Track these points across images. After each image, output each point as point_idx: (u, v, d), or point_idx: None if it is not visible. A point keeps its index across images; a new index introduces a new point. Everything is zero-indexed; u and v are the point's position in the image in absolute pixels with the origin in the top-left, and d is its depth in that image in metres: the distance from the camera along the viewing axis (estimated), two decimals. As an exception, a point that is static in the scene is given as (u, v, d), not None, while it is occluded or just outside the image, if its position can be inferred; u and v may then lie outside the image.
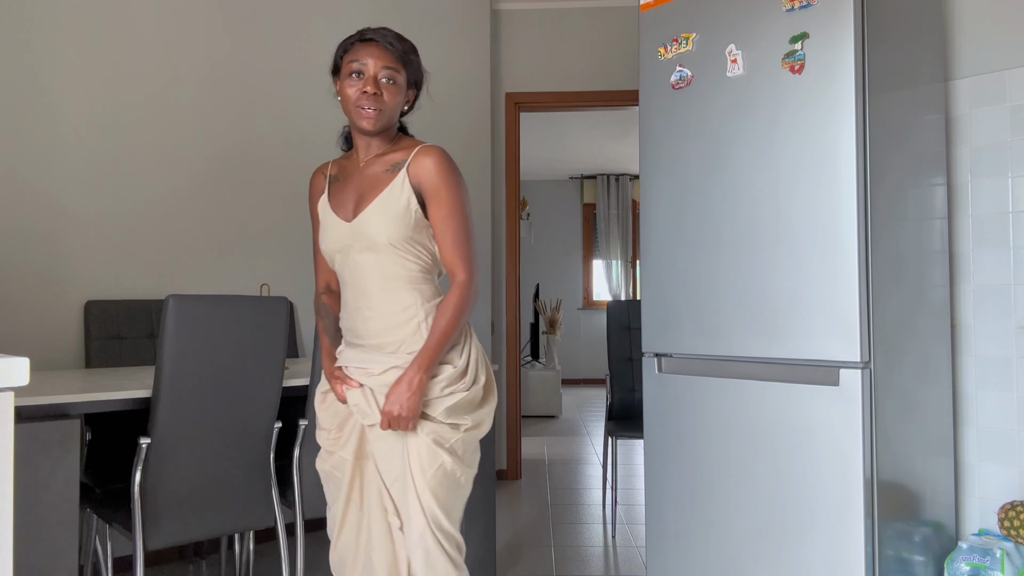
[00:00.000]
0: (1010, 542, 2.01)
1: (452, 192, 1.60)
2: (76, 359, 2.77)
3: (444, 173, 1.60)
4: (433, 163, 1.60)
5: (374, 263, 1.61)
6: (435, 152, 1.61)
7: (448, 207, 1.60)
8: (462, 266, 1.61)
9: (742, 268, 2.05)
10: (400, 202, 1.59)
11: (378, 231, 1.59)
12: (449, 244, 1.61)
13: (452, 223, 1.60)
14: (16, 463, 1.59)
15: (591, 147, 7.60)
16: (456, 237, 1.61)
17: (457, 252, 1.61)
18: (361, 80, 1.61)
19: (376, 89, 1.60)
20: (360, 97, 1.60)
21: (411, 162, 1.61)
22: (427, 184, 1.60)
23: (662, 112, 2.26)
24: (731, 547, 2.06)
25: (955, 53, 2.33)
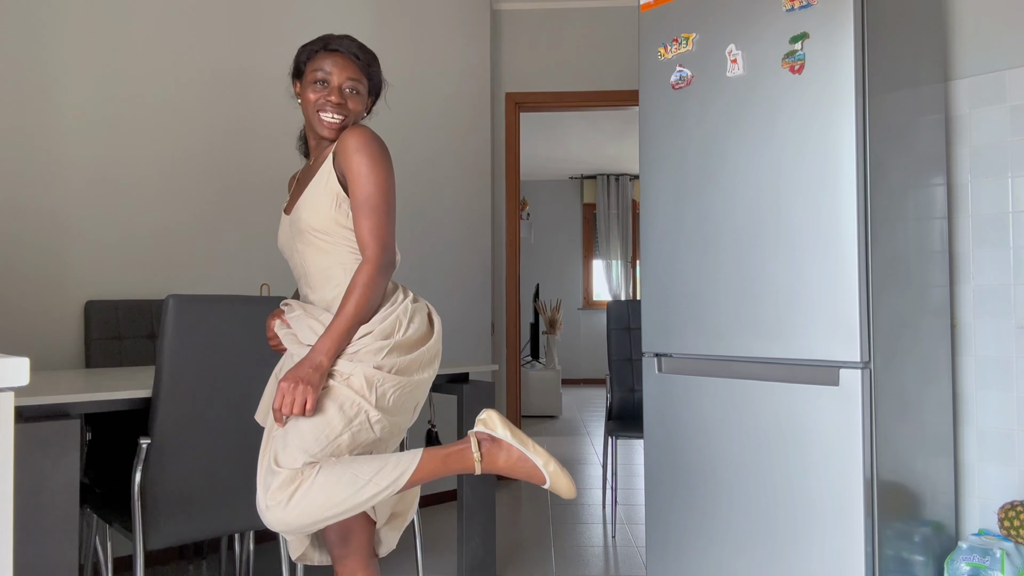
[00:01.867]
0: (1010, 542, 2.01)
1: (365, 168, 1.58)
2: (76, 359, 2.77)
3: (359, 151, 1.58)
4: (350, 143, 1.59)
5: (311, 252, 1.65)
6: (354, 132, 1.60)
7: (361, 185, 1.59)
8: (371, 243, 1.58)
9: (742, 268, 2.05)
10: (325, 188, 1.62)
11: (306, 218, 1.62)
12: (360, 223, 1.59)
13: (365, 202, 1.59)
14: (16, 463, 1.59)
15: (591, 147, 7.60)
16: (367, 215, 1.59)
17: (367, 230, 1.59)
18: (326, 89, 1.64)
19: (341, 99, 1.64)
20: (324, 105, 1.64)
21: (336, 147, 1.62)
22: (344, 164, 1.60)
23: (662, 112, 2.26)
24: (731, 547, 2.06)
25: (955, 53, 2.33)
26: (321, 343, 1.53)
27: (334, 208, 1.61)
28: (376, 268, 1.57)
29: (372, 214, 1.59)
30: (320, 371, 1.51)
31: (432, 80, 3.88)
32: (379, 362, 1.57)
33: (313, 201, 1.63)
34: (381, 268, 1.58)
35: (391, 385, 1.58)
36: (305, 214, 1.63)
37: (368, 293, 1.55)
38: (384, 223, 1.60)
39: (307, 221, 1.63)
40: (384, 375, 1.57)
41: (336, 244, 1.64)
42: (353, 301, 1.55)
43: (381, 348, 1.57)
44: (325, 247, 1.64)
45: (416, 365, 1.64)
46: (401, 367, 1.60)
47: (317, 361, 1.52)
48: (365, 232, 1.59)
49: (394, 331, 1.61)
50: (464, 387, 2.58)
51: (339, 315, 1.54)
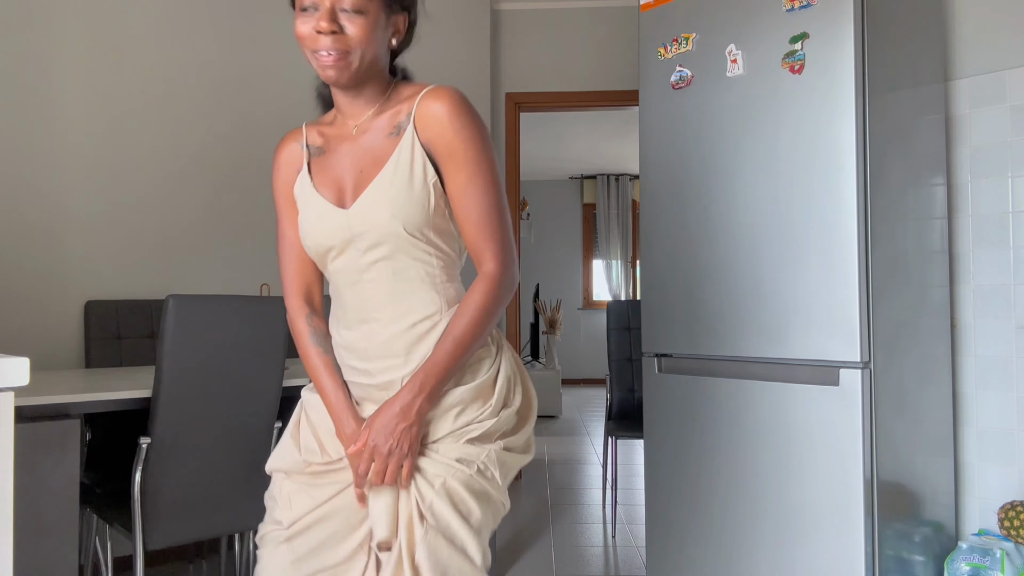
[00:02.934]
0: (1010, 542, 2.01)
1: (474, 149, 1.16)
2: (76, 359, 2.77)
3: (461, 123, 1.15)
4: (444, 110, 1.15)
5: (384, 263, 1.18)
6: (445, 95, 1.16)
7: (469, 170, 1.16)
8: (491, 251, 1.17)
9: (742, 268, 2.05)
10: (413, 175, 1.16)
11: (389, 219, 1.15)
12: (473, 222, 1.17)
13: (476, 192, 1.16)
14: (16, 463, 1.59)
15: (591, 147, 7.60)
16: (482, 212, 1.16)
17: (484, 232, 1.17)
18: (315, 16, 1.15)
19: (333, 25, 1.13)
20: (314, 38, 1.14)
21: (416, 115, 1.17)
22: (439, 141, 1.16)
23: (662, 112, 2.26)
24: (731, 547, 2.06)
25: (955, 53, 2.33)
26: (415, 383, 1.14)
27: (430, 208, 1.16)
28: (502, 287, 1.17)
29: (492, 215, 1.17)
30: (421, 416, 1.15)
31: (432, 80, 3.88)
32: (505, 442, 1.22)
33: (401, 195, 1.15)
34: (506, 289, 1.18)
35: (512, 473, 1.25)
36: (388, 212, 1.15)
37: (484, 319, 1.16)
38: (506, 228, 1.19)
39: (395, 222, 1.15)
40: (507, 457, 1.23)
41: (428, 256, 1.19)
42: (465, 323, 1.15)
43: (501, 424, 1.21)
44: (413, 258, 1.18)
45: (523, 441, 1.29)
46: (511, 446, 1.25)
47: (417, 404, 1.14)
48: (482, 238, 1.17)
49: (508, 396, 1.24)
50: (464, 387, 2.57)
51: (442, 343, 1.14)
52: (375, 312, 1.20)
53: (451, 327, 1.15)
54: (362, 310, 1.21)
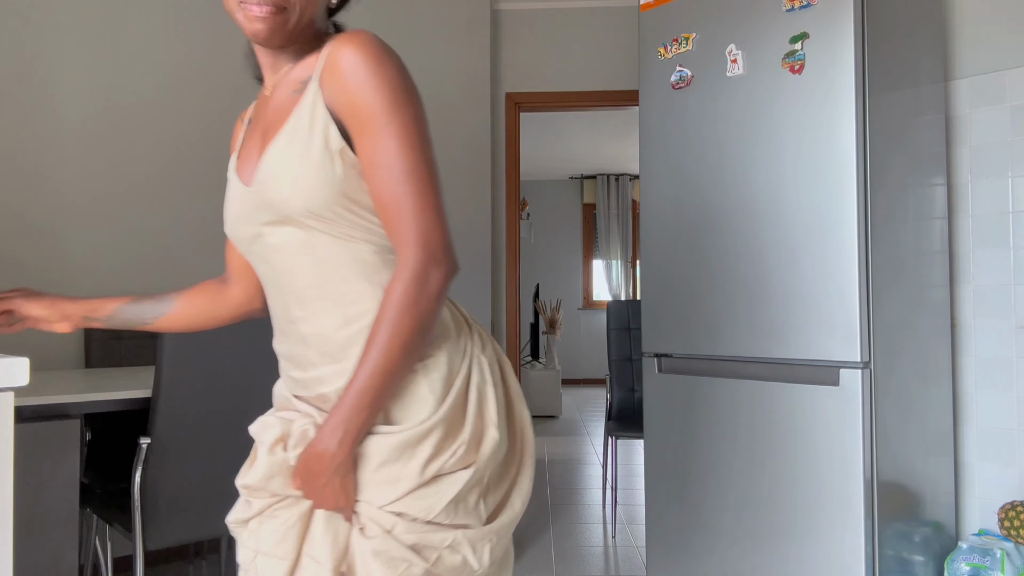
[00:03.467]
0: (1010, 542, 2.01)
1: (380, 105, 0.90)
2: (76, 359, 2.77)
3: (364, 73, 0.90)
4: (345, 60, 0.91)
5: (301, 249, 0.97)
6: (349, 41, 0.92)
7: (374, 133, 0.91)
8: (405, 237, 0.92)
9: (742, 268, 2.05)
10: (312, 142, 0.93)
11: (287, 193, 0.94)
12: (383, 200, 0.92)
13: (384, 161, 0.91)
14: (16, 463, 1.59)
15: (591, 147, 7.60)
16: (392, 186, 0.91)
17: (395, 212, 0.92)
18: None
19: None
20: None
21: (323, 68, 0.94)
22: (340, 99, 0.92)
23: (662, 112, 2.26)
24: (731, 547, 2.06)
25: (955, 53, 2.33)
26: (333, 418, 0.91)
27: (340, 175, 0.93)
28: (422, 278, 0.91)
29: (407, 181, 0.91)
30: (334, 469, 0.92)
31: (432, 80, 3.88)
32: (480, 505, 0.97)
33: (295, 164, 0.93)
34: (432, 279, 0.91)
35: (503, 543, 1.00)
36: (287, 188, 0.94)
37: (412, 324, 0.90)
38: (431, 195, 0.93)
39: (293, 200, 0.94)
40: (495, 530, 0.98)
41: (351, 237, 0.96)
42: (383, 342, 0.90)
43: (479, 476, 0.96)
44: (327, 242, 0.96)
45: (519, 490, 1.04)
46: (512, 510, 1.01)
47: (327, 453, 0.92)
48: (399, 219, 0.92)
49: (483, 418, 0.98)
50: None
51: (359, 371, 0.91)
52: (298, 310, 1.00)
53: (366, 347, 0.91)
54: (286, 308, 1.02)
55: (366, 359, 0.90)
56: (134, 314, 1.20)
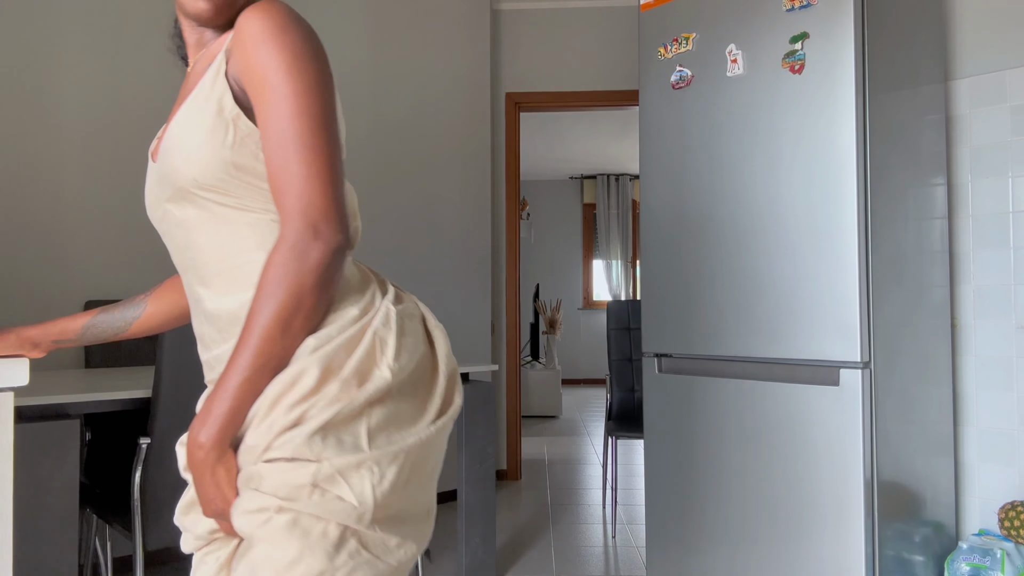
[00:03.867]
0: (1010, 542, 2.01)
1: (274, 71, 0.88)
2: (76, 359, 2.77)
3: (261, 39, 0.88)
4: (250, 27, 0.89)
5: (197, 221, 0.95)
6: (257, 9, 0.90)
7: (267, 100, 0.88)
8: (287, 207, 0.87)
9: (742, 268, 2.05)
10: (207, 111, 0.92)
11: (178, 164, 0.93)
12: (274, 165, 0.88)
13: (274, 129, 0.88)
14: (16, 463, 1.59)
15: (591, 147, 7.60)
16: (279, 154, 0.88)
17: (279, 181, 0.88)
18: None
19: None
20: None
21: (231, 39, 0.93)
22: (241, 67, 0.90)
23: (662, 112, 2.26)
24: (731, 547, 2.06)
25: (955, 53, 2.33)
26: (205, 408, 0.86)
27: (230, 143, 0.90)
28: (299, 250, 0.86)
29: (295, 148, 0.87)
30: (203, 460, 0.86)
31: (432, 80, 3.88)
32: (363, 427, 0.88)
33: (189, 135, 0.92)
34: (312, 252, 0.86)
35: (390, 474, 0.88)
36: (179, 159, 0.92)
37: (288, 300, 0.85)
38: (319, 164, 0.88)
39: (184, 171, 0.92)
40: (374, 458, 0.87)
41: (244, 207, 0.93)
42: (258, 321, 0.85)
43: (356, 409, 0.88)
44: (224, 214, 0.93)
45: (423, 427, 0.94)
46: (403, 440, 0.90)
47: (195, 444, 0.86)
48: (284, 184, 0.88)
49: (375, 360, 0.90)
50: (464, 388, 2.57)
51: (237, 350, 0.86)
52: (201, 287, 0.98)
53: (246, 323, 0.86)
54: (191, 286, 1.00)
55: (241, 339, 0.86)
56: (107, 324, 1.19)
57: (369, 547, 0.87)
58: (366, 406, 0.88)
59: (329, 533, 0.84)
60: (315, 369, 0.86)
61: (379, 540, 0.88)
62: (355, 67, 3.58)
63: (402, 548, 0.90)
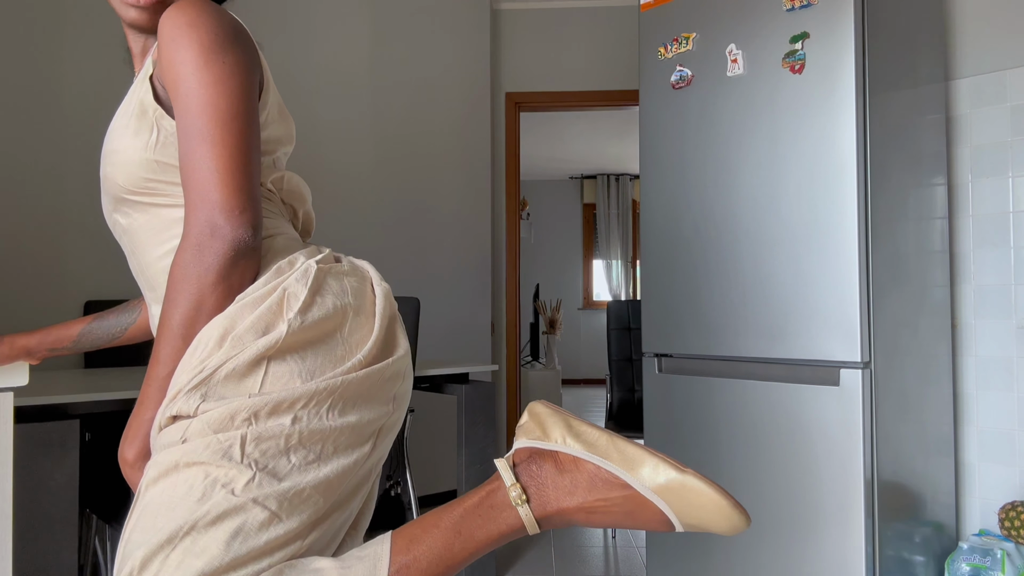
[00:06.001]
0: (1011, 542, 2.01)
1: (182, 66, 0.87)
2: (76, 359, 2.77)
3: (171, 35, 0.87)
4: (164, 25, 0.88)
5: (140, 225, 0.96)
6: (172, 7, 0.89)
7: (177, 95, 0.87)
8: (192, 201, 0.86)
9: (742, 268, 2.05)
10: (132, 114, 0.93)
11: (109, 171, 0.95)
12: (182, 161, 0.87)
13: (187, 121, 0.87)
14: (16, 463, 1.58)
15: (591, 147, 7.59)
16: (184, 150, 0.87)
17: (189, 175, 0.86)
18: None
19: None
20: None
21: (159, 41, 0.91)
22: (162, 66, 0.90)
23: (662, 112, 2.26)
24: (731, 547, 2.06)
25: (955, 53, 2.33)
26: (128, 425, 0.90)
27: (153, 143, 0.91)
28: (197, 248, 0.84)
29: (200, 142, 0.86)
30: (141, 434, 0.88)
31: (432, 80, 3.88)
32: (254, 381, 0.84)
33: (117, 139, 0.93)
34: (209, 249, 0.84)
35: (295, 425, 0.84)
36: (109, 166, 0.94)
37: (188, 300, 0.84)
38: (223, 157, 0.86)
39: (113, 177, 0.94)
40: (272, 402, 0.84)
41: (180, 205, 0.95)
42: (164, 326, 0.86)
43: (256, 353, 0.84)
44: (162, 214, 0.95)
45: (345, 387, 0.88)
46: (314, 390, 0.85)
47: (138, 419, 0.89)
48: (187, 180, 0.86)
49: (280, 315, 0.87)
50: (464, 388, 2.57)
51: (151, 359, 0.88)
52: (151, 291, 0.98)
53: (155, 343, 0.88)
54: (144, 291, 1.01)
55: (153, 347, 0.87)
56: (102, 331, 1.18)
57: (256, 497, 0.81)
58: (259, 360, 0.84)
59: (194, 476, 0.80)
60: (214, 331, 0.85)
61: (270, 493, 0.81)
62: (355, 67, 3.58)
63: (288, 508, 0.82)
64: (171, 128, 0.91)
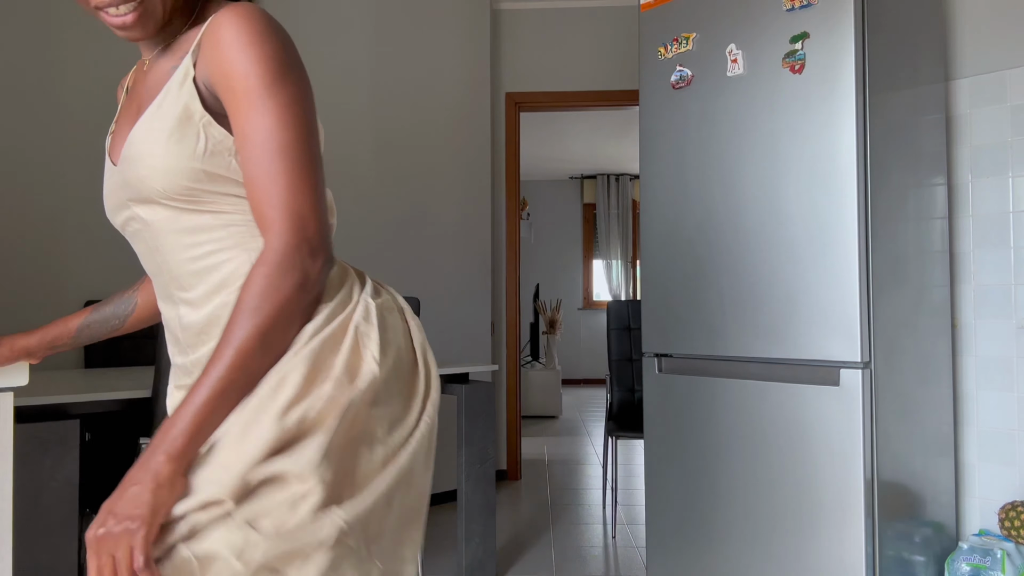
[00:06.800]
0: (1010, 542, 2.01)
1: (256, 77, 0.85)
2: (76, 359, 2.77)
3: (241, 45, 0.85)
4: (228, 32, 0.85)
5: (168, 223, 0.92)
6: (232, 13, 0.86)
7: (248, 106, 0.85)
8: (272, 219, 0.85)
9: (742, 268, 2.05)
10: (175, 116, 0.88)
11: (144, 174, 0.89)
12: (251, 177, 0.86)
13: (256, 136, 0.85)
14: (16, 463, 1.58)
15: (591, 147, 7.60)
16: (262, 163, 0.85)
17: (263, 192, 0.85)
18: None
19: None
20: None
21: (201, 41, 0.89)
22: (215, 72, 0.87)
23: (662, 112, 2.26)
24: (731, 547, 2.06)
25: (955, 53, 2.33)
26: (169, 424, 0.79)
27: (200, 152, 0.87)
28: (288, 264, 0.83)
29: (282, 158, 0.85)
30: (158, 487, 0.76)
31: (432, 80, 3.88)
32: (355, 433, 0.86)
33: (154, 142, 0.88)
34: (306, 267, 0.84)
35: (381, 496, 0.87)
36: (144, 169, 0.89)
37: (273, 315, 0.82)
38: (308, 176, 0.87)
39: (151, 182, 0.89)
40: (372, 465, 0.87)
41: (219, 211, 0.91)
42: (240, 331, 0.81)
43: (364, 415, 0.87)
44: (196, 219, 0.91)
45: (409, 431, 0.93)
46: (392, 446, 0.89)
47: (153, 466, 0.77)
48: (268, 196, 0.85)
49: (361, 360, 0.88)
50: (464, 388, 2.57)
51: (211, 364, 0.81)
52: (182, 292, 0.94)
53: (220, 341, 0.81)
54: (166, 289, 0.97)
55: (217, 352, 0.81)
56: (100, 324, 1.17)
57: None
58: (366, 407, 0.87)
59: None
60: (301, 368, 0.84)
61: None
62: (355, 67, 3.58)
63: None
64: (219, 136, 0.88)
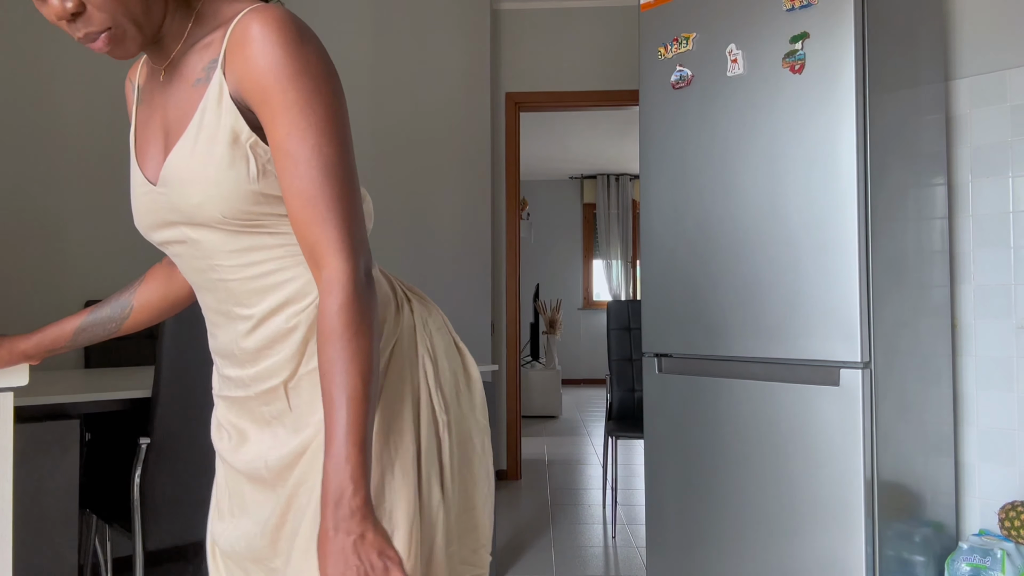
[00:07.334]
0: (1010, 542, 2.01)
1: (296, 89, 0.81)
2: (76, 359, 2.77)
3: (277, 54, 0.81)
4: (260, 40, 0.81)
5: (227, 247, 0.90)
6: (259, 19, 0.81)
7: (290, 120, 0.82)
8: (331, 240, 0.82)
9: (742, 268, 2.05)
10: (219, 139, 0.85)
11: (197, 200, 0.86)
12: (298, 193, 0.83)
13: (301, 151, 0.82)
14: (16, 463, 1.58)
15: (591, 147, 7.59)
16: (312, 179, 0.82)
17: (316, 211, 0.82)
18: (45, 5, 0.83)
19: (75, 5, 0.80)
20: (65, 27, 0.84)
21: (227, 50, 0.84)
22: (249, 84, 0.82)
23: (662, 112, 2.26)
24: (731, 547, 2.06)
25: (955, 53, 2.33)
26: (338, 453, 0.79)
27: (254, 174, 0.85)
28: (360, 292, 0.82)
29: (329, 177, 0.82)
30: (365, 516, 0.79)
31: (432, 80, 3.88)
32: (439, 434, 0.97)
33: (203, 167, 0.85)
34: (364, 283, 0.84)
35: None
36: (197, 194, 0.86)
37: (367, 342, 0.82)
38: (354, 196, 0.85)
39: (208, 208, 0.86)
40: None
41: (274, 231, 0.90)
42: (356, 361, 0.81)
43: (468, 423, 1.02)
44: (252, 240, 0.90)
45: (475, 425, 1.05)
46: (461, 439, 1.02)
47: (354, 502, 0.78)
48: (319, 214, 0.82)
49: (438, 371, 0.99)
50: (464, 387, 2.57)
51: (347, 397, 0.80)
52: (241, 308, 0.93)
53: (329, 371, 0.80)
54: (223, 305, 0.95)
55: (350, 386, 0.80)
56: (97, 326, 1.17)
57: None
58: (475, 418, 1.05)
59: None
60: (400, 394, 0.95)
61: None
62: (355, 67, 3.58)
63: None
64: (266, 155, 0.85)
